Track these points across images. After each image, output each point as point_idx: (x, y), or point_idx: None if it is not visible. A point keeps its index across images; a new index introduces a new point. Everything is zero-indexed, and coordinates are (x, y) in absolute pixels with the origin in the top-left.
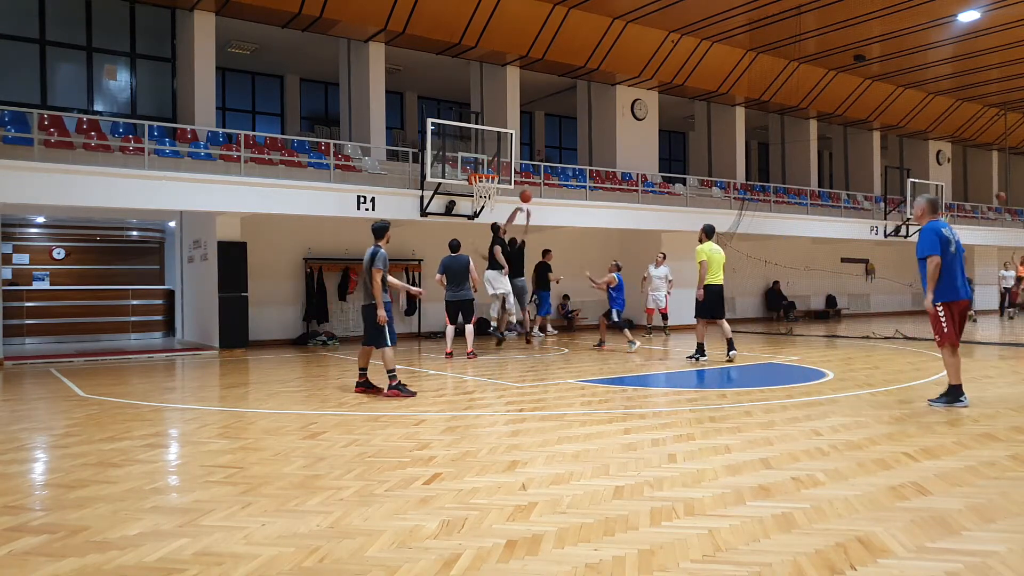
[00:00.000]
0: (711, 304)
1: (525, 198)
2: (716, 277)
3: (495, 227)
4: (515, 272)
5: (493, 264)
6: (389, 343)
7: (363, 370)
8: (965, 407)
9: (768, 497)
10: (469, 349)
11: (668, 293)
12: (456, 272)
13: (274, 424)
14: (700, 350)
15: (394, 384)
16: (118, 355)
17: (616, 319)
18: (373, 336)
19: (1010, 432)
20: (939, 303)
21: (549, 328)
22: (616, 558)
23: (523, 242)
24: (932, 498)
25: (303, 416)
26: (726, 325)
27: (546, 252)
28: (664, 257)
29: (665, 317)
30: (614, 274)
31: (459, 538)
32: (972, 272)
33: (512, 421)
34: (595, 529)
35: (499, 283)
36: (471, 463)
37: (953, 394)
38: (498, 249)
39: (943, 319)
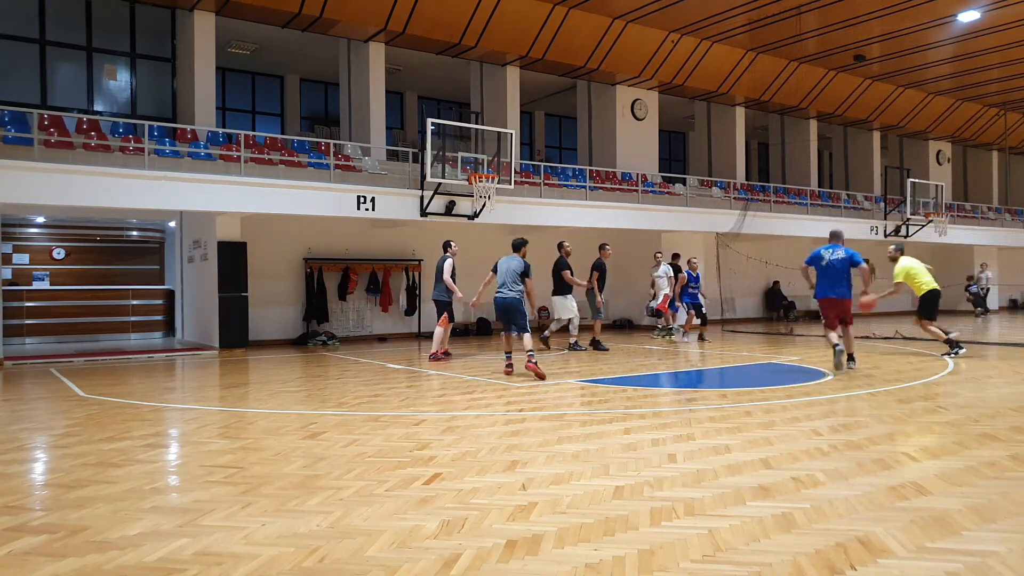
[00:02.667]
0: (927, 308)
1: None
2: (922, 287)
3: (561, 245)
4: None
5: (560, 288)
6: (528, 330)
7: (531, 351)
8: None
9: (768, 497)
10: (444, 349)
11: (667, 293)
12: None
13: (274, 424)
14: (951, 344)
15: (533, 360)
16: (118, 355)
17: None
18: (525, 324)
19: (1010, 432)
20: (817, 299)
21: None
22: (616, 558)
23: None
24: (932, 498)
25: (303, 416)
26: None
27: (675, 256)
28: (659, 256)
29: (659, 314)
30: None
31: (459, 538)
32: (971, 273)
33: (512, 421)
34: (595, 529)
35: (564, 309)
36: (471, 463)
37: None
38: (567, 273)
39: (821, 310)
